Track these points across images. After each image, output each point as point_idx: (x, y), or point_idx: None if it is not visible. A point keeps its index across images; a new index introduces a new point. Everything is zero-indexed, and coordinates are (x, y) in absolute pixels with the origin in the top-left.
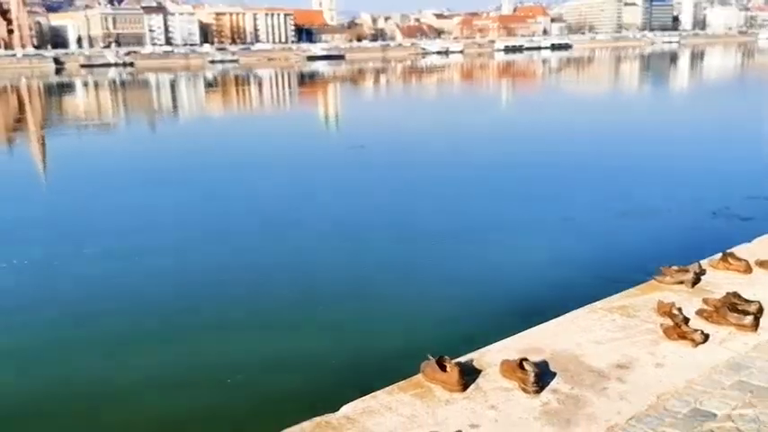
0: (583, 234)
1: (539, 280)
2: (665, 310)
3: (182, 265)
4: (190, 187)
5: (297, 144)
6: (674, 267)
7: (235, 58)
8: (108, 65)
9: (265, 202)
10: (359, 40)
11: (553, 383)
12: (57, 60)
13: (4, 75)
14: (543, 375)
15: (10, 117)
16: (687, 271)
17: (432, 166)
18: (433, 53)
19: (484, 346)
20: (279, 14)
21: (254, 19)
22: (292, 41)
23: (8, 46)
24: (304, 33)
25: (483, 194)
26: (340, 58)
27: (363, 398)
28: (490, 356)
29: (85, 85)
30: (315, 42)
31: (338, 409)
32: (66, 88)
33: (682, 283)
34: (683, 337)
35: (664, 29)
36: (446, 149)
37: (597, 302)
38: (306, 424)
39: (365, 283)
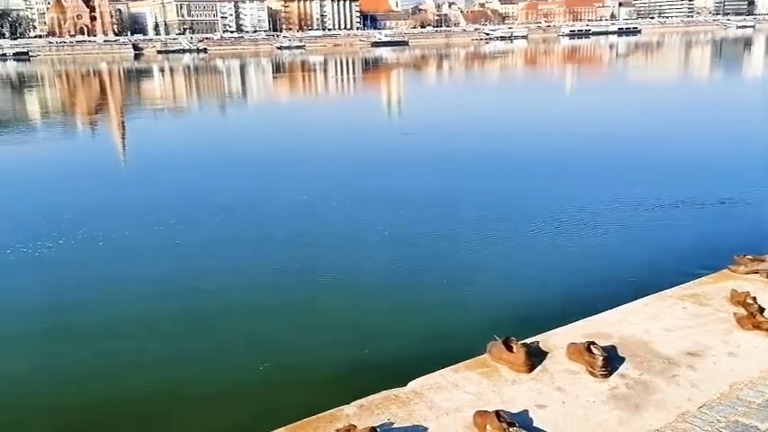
0: (653, 222)
1: (606, 266)
2: (739, 299)
3: (251, 239)
4: (254, 167)
5: (357, 129)
6: (749, 257)
7: (302, 44)
8: (182, 51)
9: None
10: (422, 26)
11: (621, 369)
12: (135, 46)
13: (87, 60)
14: (611, 360)
15: (93, 101)
16: (762, 260)
17: (494, 151)
18: (497, 39)
19: (550, 329)
20: (345, 1)
21: (321, 6)
22: (357, 28)
23: (91, 32)
24: (369, 20)
25: (551, 178)
26: (403, 44)
27: (431, 374)
28: (556, 339)
29: (161, 70)
30: (379, 29)
31: (406, 384)
32: (143, 73)
33: (756, 272)
34: (757, 327)
35: (738, 13)
36: (508, 136)
37: (667, 290)
38: (375, 396)
39: (433, 266)
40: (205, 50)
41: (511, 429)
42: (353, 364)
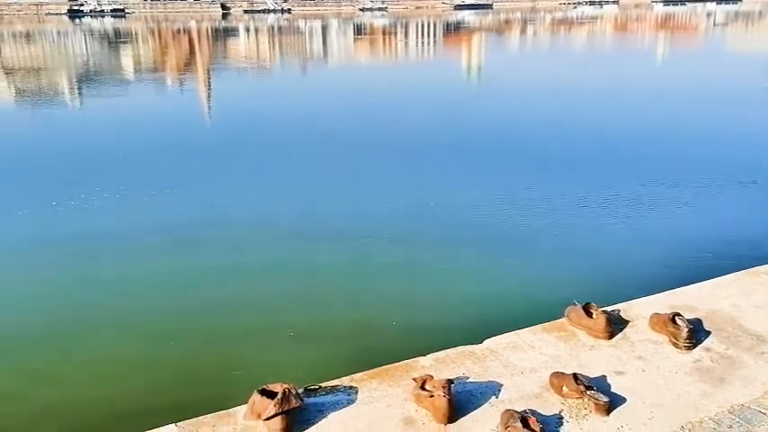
0: (750, 198)
1: (695, 239)
2: None
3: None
4: (327, 128)
5: (434, 93)
6: None
7: (384, 6)
8: (267, 11)
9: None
10: None
11: (706, 342)
12: (223, 6)
13: (178, 18)
14: (696, 333)
15: (181, 57)
16: None
17: (575, 118)
18: (586, 4)
19: (633, 299)
20: None
21: None
22: None
23: None
24: None
25: (640, 147)
26: (488, 7)
27: (507, 334)
28: (639, 309)
29: (247, 30)
30: None
31: (481, 342)
32: (230, 32)
33: None
34: None
35: None
36: (590, 106)
37: (760, 267)
38: (450, 351)
39: (518, 229)
40: (289, 11)
41: (588, 392)
42: (430, 320)
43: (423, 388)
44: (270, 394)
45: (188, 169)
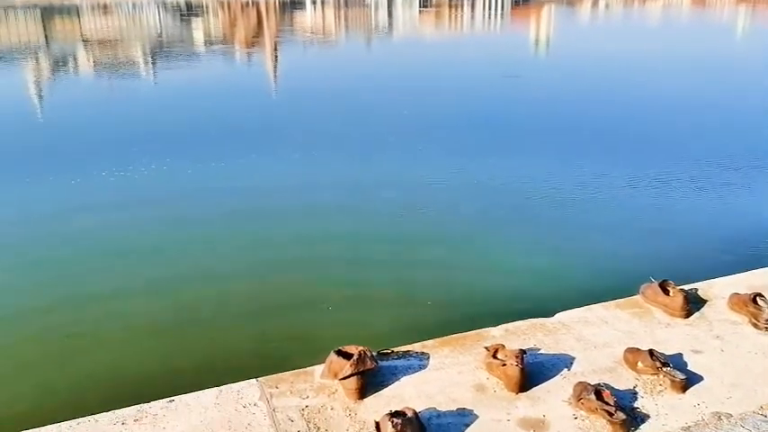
0: None
1: None
2: None
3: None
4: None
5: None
6: None
7: None
8: None
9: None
10: None
11: None
12: None
13: None
14: None
15: (249, 29)
16: None
17: (651, 96)
18: None
19: (711, 278)
20: None
21: None
22: None
23: None
24: None
25: (721, 122)
26: None
27: (579, 309)
28: (718, 289)
29: (313, 2)
30: None
31: (553, 316)
32: (296, 5)
33: None
34: None
35: None
36: (664, 81)
37: None
38: (521, 323)
39: (587, 204)
40: None
41: (664, 369)
42: (500, 293)
43: (495, 357)
44: (346, 355)
45: (252, 140)
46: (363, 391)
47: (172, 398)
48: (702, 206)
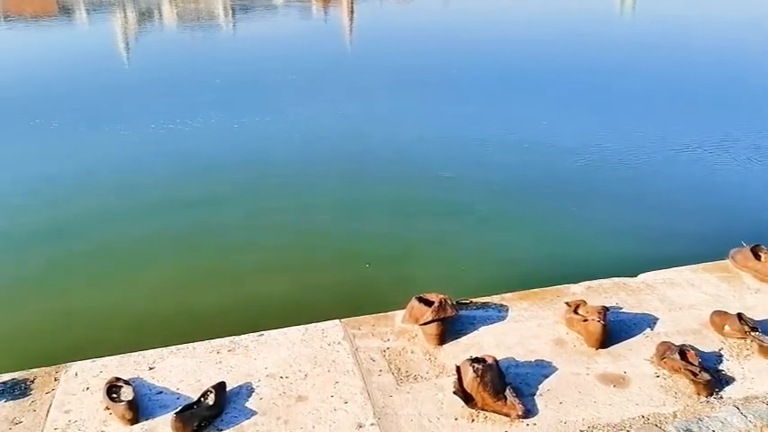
0: None
1: None
2: None
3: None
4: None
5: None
6: None
7: None
8: None
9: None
10: None
11: None
12: None
13: None
14: None
15: None
16: None
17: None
18: None
19: None
20: None
21: None
22: None
23: None
24: None
25: None
26: None
27: (664, 270)
28: None
29: None
30: None
31: (636, 276)
32: None
33: None
34: None
35: None
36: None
37: None
38: (603, 281)
39: (674, 168)
40: None
41: (753, 333)
42: (582, 249)
43: (575, 312)
44: (427, 302)
45: (323, 94)
46: (443, 338)
47: (261, 332)
48: None
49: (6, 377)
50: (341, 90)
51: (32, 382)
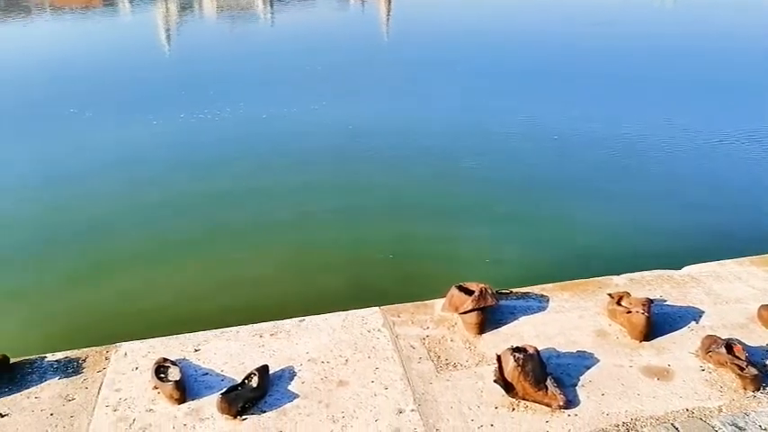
0: None
1: None
2: None
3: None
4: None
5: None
6: None
7: None
8: None
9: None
10: None
11: None
12: None
13: None
14: None
15: None
16: None
17: None
18: None
19: None
20: None
21: None
22: None
23: None
24: None
25: None
26: None
27: (709, 263)
28: None
29: None
30: None
31: (680, 269)
32: None
33: None
34: None
35: None
36: None
37: None
38: (646, 273)
39: (724, 158)
40: None
41: None
42: (623, 241)
43: (618, 304)
44: (467, 291)
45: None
46: (483, 327)
47: (303, 318)
48: None
49: (60, 355)
50: (377, 82)
51: (84, 360)
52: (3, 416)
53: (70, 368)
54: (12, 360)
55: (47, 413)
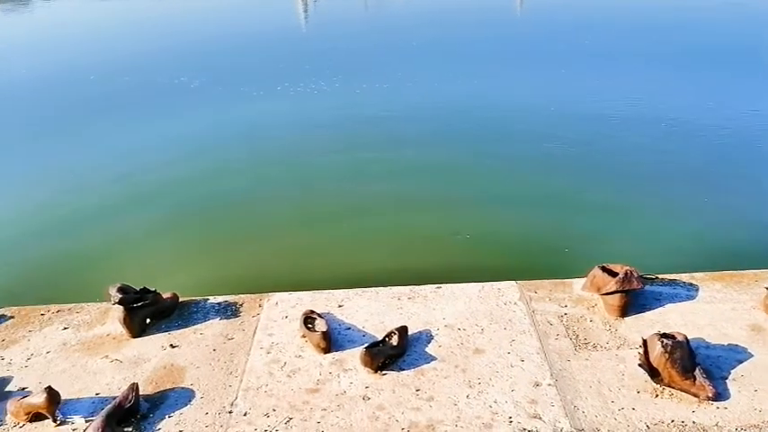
0: None
1: None
2: None
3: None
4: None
5: None
6: None
7: None
8: None
9: None
10: None
11: None
12: None
13: None
14: None
15: None
16: None
17: None
18: None
19: None
20: None
21: None
22: None
23: None
24: None
25: None
26: None
27: None
28: None
29: None
30: None
31: None
32: None
33: None
34: None
35: None
36: None
37: None
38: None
39: None
40: None
41: None
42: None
43: None
44: (610, 272)
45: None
46: (625, 310)
47: (439, 285)
48: None
49: (220, 299)
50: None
51: (241, 306)
52: (174, 347)
53: (229, 311)
54: (180, 299)
55: (210, 348)
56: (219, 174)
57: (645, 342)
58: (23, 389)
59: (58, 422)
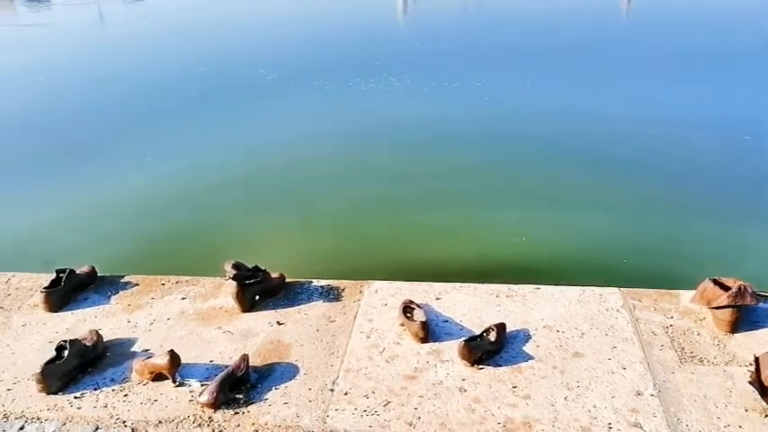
0: None
1: None
2: None
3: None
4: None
5: None
6: None
7: None
8: None
9: None
10: None
11: None
12: None
13: None
14: None
15: None
16: None
17: None
18: None
19: None
20: None
21: None
22: None
23: None
24: None
25: None
26: None
27: None
28: None
29: None
30: None
31: None
32: None
33: None
34: None
35: None
36: None
37: None
38: None
39: None
40: None
41: None
42: None
43: None
44: (722, 286)
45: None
46: (736, 325)
47: (538, 285)
48: None
49: (324, 282)
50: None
51: (343, 290)
52: (281, 324)
53: (332, 294)
54: (287, 280)
55: (313, 329)
56: (320, 166)
57: (757, 359)
58: (146, 350)
59: (177, 383)
